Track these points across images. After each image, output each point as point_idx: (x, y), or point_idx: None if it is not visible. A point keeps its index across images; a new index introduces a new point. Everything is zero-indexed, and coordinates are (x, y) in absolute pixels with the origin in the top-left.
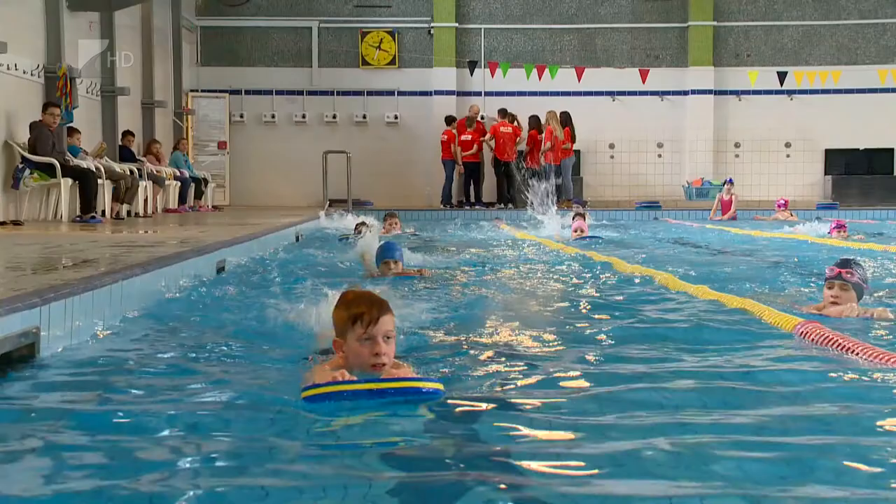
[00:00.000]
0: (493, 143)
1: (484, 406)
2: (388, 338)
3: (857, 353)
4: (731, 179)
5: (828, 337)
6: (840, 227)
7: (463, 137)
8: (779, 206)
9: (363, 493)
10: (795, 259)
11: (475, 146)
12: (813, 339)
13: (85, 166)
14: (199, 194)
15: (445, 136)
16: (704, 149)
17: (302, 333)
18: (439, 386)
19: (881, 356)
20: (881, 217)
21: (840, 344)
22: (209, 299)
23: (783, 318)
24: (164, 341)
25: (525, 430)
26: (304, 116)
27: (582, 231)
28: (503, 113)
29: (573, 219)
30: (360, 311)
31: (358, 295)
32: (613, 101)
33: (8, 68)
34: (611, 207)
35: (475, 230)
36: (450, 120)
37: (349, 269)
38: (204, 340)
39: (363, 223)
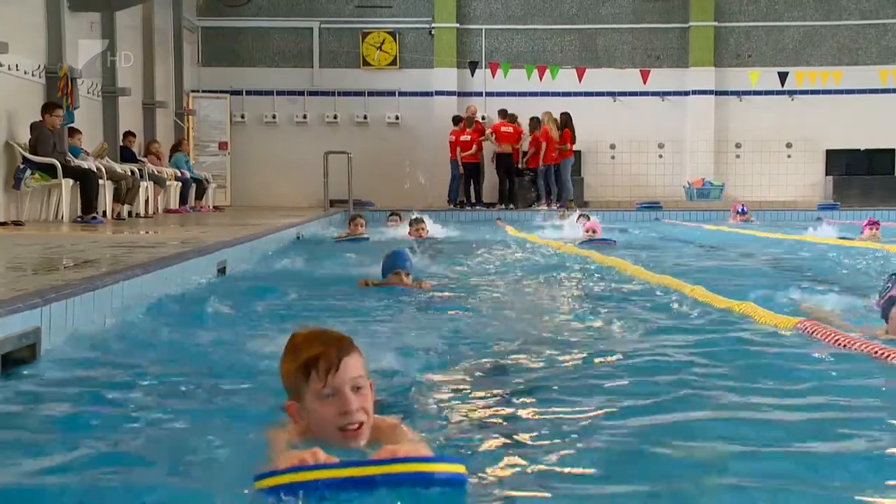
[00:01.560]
0: (493, 137)
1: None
2: (358, 387)
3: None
4: (743, 209)
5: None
6: (872, 224)
7: (462, 138)
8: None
9: None
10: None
11: (474, 146)
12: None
13: (86, 167)
14: (200, 194)
15: (453, 137)
16: (705, 149)
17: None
18: (460, 469)
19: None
20: (882, 218)
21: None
22: (210, 300)
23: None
24: (165, 342)
25: None
26: (305, 117)
27: (594, 232)
28: (503, 114)
29: (577, 220)
30: (313, 355)
31: (308, 336)
32: (614, 101)
33: (9, 69)
34: (612, 208)
35: (478, 232)
36: (457, 120)
37: (346, 275)
38: (204, 342)
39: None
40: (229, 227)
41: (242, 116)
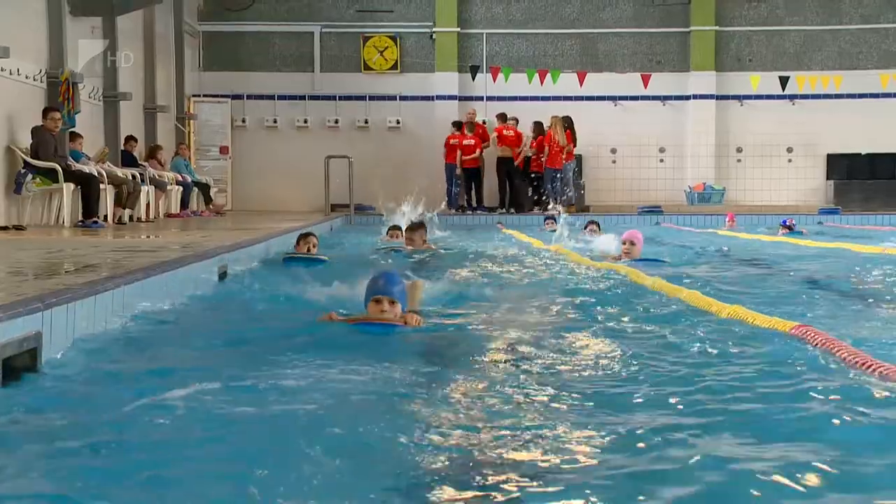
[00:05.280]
0: (496, 141)
1: None
2: None
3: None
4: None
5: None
6: None
7: (465, 142)
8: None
9: None
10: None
11: (476, 151)
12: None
13: (87, 171)
14: (208, 200)
15: (455, 141)
16: (706, 153)
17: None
18: None
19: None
20: (883, 222)
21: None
22: (211, 304)
23: None
24: (166, 346)
25: None
26: (306, 121)
27: (633, 245)
28: (503, 117)
29: (585, 228)
30: None
31: None
32: (615, 105)
33: (10, 73)
34: (612, 212)
35: (484, 239)
36: (457, 125)
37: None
38: (205, 345)
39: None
40: (231, 232)
41: (243, 121)
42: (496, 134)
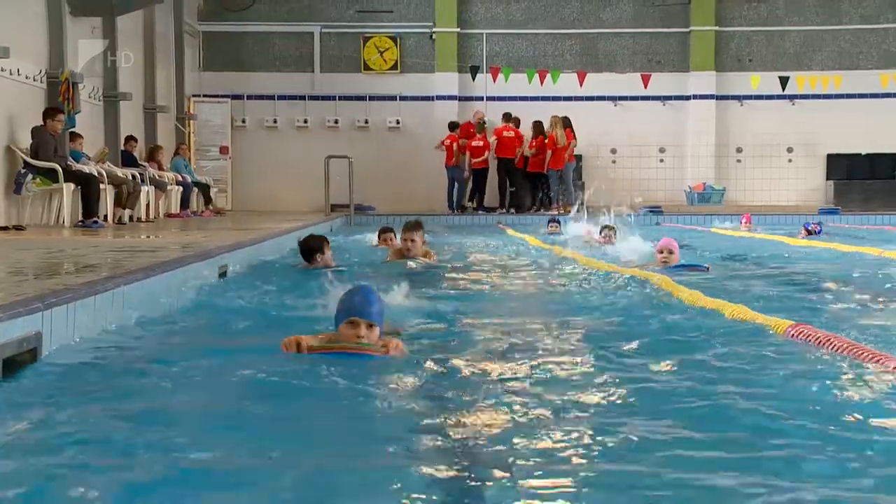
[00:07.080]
0: (495, 144)
1: None
2: None
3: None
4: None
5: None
6: None
7: (474, 143)
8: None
9: None
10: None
11: (486, 152)
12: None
13: (87, 171)
14: (208, 200)
15: (450, 142)
16: (706, 153)
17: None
18: None
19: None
20: (883, 222)
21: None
22: (211, 304)
23: None
24: (167, 347)
25: None
26: (306, 121)
27: (671, 253)
28: (507, 117)
29: (600, 232)
30: None
31: None
32: (615, 105)
33: (10, 73)
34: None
35: (488, 241)
36: (453, 126)
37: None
38: (205, 346)
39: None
40: (231, 232)
41: (243, 121)
42: (495, 137)
